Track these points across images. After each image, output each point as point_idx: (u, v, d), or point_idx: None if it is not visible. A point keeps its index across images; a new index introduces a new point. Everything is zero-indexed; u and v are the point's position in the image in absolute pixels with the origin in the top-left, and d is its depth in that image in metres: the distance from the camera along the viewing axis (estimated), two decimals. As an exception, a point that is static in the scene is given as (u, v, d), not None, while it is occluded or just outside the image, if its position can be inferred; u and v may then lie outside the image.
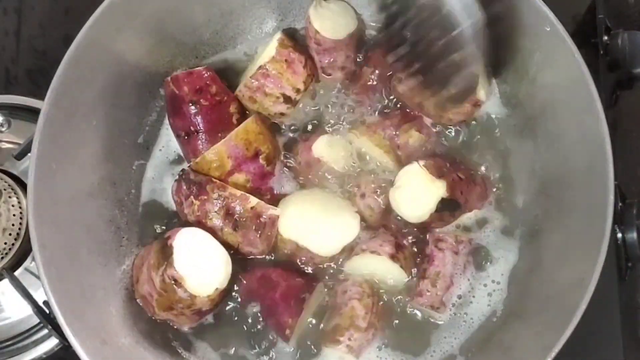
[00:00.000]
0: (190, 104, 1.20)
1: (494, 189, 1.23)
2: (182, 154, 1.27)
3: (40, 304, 1.21)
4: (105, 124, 1.20)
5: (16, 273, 1.30)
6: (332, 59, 1.26)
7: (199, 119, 1.21)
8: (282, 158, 1.25)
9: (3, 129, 1.41)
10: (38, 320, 1.28)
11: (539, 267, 1.16)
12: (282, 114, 1.26)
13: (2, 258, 1.28)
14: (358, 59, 1.30)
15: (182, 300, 1.10)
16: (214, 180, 1.17)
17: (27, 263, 1.32)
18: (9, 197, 1.29)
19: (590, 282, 1.00)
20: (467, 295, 1.19)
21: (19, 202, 1.30)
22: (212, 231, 1.15)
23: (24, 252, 1.31)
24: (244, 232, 1.16)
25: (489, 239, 1.22)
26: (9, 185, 1.31)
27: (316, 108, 1.29)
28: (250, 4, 1.29)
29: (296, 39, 1.28)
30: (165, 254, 1.09)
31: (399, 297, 1.19)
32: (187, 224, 1.18)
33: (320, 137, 1.22)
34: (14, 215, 1.29)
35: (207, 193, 1.15)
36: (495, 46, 1.07)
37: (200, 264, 1.10)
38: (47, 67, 1.49)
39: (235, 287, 1.18)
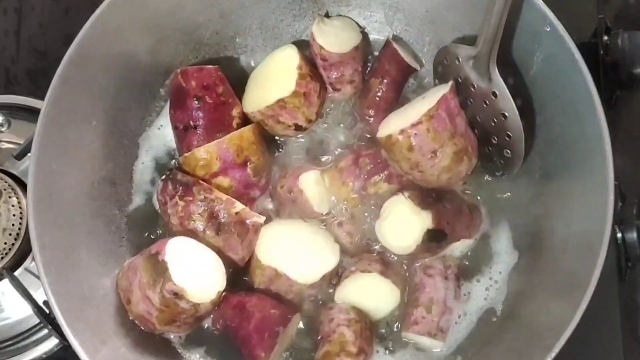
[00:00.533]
0: (195, 99, 1.20)
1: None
2: (176, 148, 1.27)
3: (40, 304, 1.21)
4: (105, 124, 1.20)
5: (16, 273, 1.30)
6: (339, 74, 1.26)
7: (200, 114, 1.20)
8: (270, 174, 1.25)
9: (3, 129, 1.41)
10: (38, 320, 1.28)
11: (538, 267, 1.15)
12: (287, 136, 1.27)
13: (2, 258, 1.28)
14: (366, 72, 1.30)
15: (185, 311, 1.09)
16: (201, 182, 1.16)
17: (27, 263, 1.32)
18: (9, 197, 1.30)
19: (590, 282, 1.00)
20: (466, 298, 1.19)
21: (19, 202, 1.30)
22: (193, 234, 1.15)
23: (24, 252, 1.31)
24: (226, 237, 1.15)
25: (487, 250, 1.22)
26: (9, 185, 1.31)
27: (321, 128, 1.29)
28: (250, 4, 1.29)
29: (307, 56, 1.26)
30: (159, 270, 1.08)
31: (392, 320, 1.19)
32: (169, 231, 1.18)
33: (310, 171, 1.21)
34: (14, 215, 1.29)
35: (193, 194, 1.15)
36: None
37: (196, 271, 1.10)
38: (47, 67, 1.49)
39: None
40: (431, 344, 1.16)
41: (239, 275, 1.21)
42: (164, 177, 1.20)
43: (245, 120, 1.25)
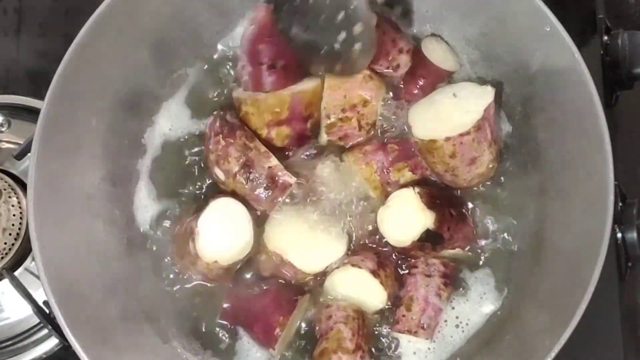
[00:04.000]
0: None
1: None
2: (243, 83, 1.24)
3: (40, 304, 1.21)
4: (105, 124, 1.20)
5: (16, 273, 1.30)
6: (378, 65, 1.22)
7: (291, 54, 1.19)
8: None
9: (3, 129, 1.42)
10: (38, 320, 1.28)
11: (538, 267, 1.15)
12: None
13: (2, 258, 1.28)
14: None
15: (189, 254, 1.12)
16: (246, 128, 1.17)
17: (27, 263, 1.32)
18: (9, 197, 1.30)
19: (590, 282, 1.00)
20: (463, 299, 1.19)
21: (19, 202, 1.30)
22: (226, 173, 1.17)
23: (24, 252, 1.31)
24: (253, 187, 1.16)
25: (487, 250, 1.21)
26: (9, 185, 1.31)
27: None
28: (250, 3, 1.29)
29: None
30: (201, 207, 1.14)
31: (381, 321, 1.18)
32: (205, 165, 1.22)
33: (330, 158, 1.21)
34: (14, 215, 1.29)
35: (235, 137, 1.16)
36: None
37: (220, 232, 1.12)
38: (47, 67, 1.49)
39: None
40: (416, 341, 1.16)
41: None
42: (215, 112, 1.21)
43: None
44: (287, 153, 1.22)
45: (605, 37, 1.35)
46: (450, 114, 1.15)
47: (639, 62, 1.31)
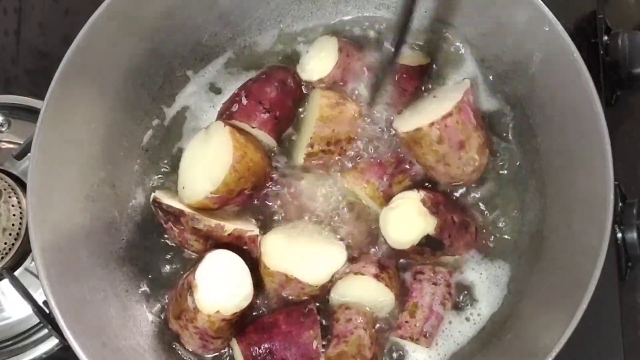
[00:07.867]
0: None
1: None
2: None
3: (40, 304, 1.21)
4: (104, 125, 1.20)
5: (16, 273, 1.30)
6: (353, 86, 1.24)
7: (285, 113, 1.23)
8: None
9: (3, 129, 1.42)
10: (38, 320, 1.28)
11: (538, 267, 1.16)
12: None
13: (2, 258, 1.28)
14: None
15: (187, 311, 1.09)
16: (186, 212, 1.15)
17: (27, 263, 1.32)
18: (9, 197, 1.30)
19: (590, 282, 1.00)
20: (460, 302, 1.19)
21: (19, 202, 1.30)
22: (196, 252, 1.18)
23: (24, 252, 1.31)
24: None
25: (487, 250, 1.21)
26: (9, 185, 1.31)
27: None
28: (248, 5, 1.29)
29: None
30: (199, 260, 1.11)
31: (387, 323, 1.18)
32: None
33: (310, 173, 1.21)
34: (14, 215, 1.29)
35: (182, 224, 1.15)
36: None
37: (220, 283, 1.10)
38: (47, 67, 1.49)
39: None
40: (415, 348, 1.16)
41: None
42: (151, 201, 1.19)
43: None
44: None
45: (605, 37, 1.35)
46: (432, 109, 1.15)
47: (639, 62, 1.31)
